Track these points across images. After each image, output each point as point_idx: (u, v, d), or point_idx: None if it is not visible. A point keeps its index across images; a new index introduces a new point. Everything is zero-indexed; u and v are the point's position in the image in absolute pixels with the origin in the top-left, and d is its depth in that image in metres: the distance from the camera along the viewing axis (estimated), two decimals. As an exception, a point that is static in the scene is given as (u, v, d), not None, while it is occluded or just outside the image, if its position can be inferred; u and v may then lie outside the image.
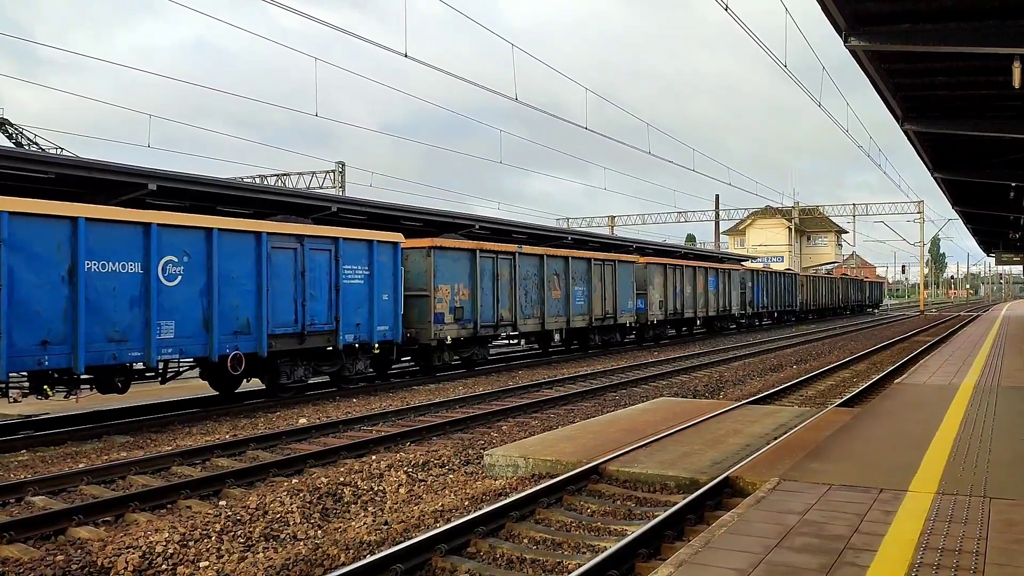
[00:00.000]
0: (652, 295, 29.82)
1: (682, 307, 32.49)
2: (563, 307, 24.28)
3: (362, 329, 16.72)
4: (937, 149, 18.41)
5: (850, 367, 22.06)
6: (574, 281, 24.68)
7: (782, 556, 5.05)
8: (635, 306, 28.65)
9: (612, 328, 27.63)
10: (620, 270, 27.55)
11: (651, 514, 7.22)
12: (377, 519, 7.57)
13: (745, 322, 42.58)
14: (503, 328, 21.51)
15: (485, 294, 20.64)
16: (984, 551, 5.10)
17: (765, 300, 44.17)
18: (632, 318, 28.48)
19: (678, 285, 32.04)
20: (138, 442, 11.73)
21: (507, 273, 21.50)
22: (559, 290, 23.91)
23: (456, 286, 19.61)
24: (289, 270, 15.22)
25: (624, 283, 27.80)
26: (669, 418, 11.44)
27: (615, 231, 72.72)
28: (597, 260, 26.28)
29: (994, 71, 11.86)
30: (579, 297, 25.02)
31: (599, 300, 26.09)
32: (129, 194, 15.97)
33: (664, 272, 31.16)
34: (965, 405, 11.14)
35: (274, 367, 15.30)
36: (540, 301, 22.98)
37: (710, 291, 35.40)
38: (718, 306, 36.59)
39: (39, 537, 7.23)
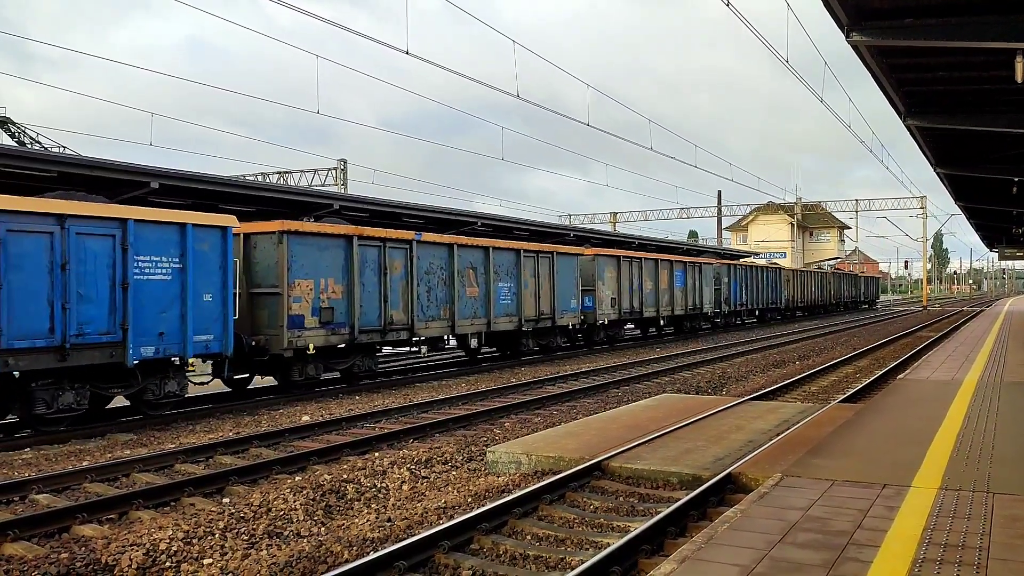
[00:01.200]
0: (602, 292, 26.05)
1: (641, 305, 28.70)
2: (482, 307, 20.30)
3: (170, 339, 12.87)
4: (940, 144, 18.39)
5: (853, 363, 22.04)
6: (497, 276, 20.75)
7: (785, 552, 5.05)
8: (580, 305, 24.82)
9: (550, 331, 23.65)
10: (560, 263, 23.57)
11: (654, 510, 7.22)
12: (380, 516, 7.58)
13: (721, 322, 38.53)
14: (395, 332, 17.49)
15: (367, 291, 16.75)
16: (987, 547, 5.10)
17: (744, 297, 40.32)
18: (576, 319, 24.61)
19: (635, 280, 28.27)
20: (141, 440, 11.75)
21: (400, 266, 17.63)
22: (476, 287, 20.01)
23: (323, 281, 15.76)
24: (40, 261, 11.40)
25: (565, 278, 23.96)
26: (672, 414, 11.44)
27: (617, 228, 72.70)
28: (529, 252, 22.27)
29: (996, 66, 11.84)
30: (504, 295, 21.14)
31: (531, 298, 22.20)
32: (131, 192, 16.00)
33: (617, 265, 27.21)
34: (968, 401, 11.13)
35: (24, 394, 11.55)
36: (449, 300, 19.10)
37: (676, 287, 31.77)
38: (687, 304, 32.72)
39: (43, 535, 7.25)
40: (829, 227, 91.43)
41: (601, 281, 26.11)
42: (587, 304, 25.52)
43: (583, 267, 25.43)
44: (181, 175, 16.97)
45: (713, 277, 35.89)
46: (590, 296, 25.63)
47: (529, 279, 22.19)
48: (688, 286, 32.84)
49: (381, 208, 22.20)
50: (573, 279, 24.50)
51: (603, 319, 26.23)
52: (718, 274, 36.81)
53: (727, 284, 37.85)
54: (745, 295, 40.43)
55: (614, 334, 28.08)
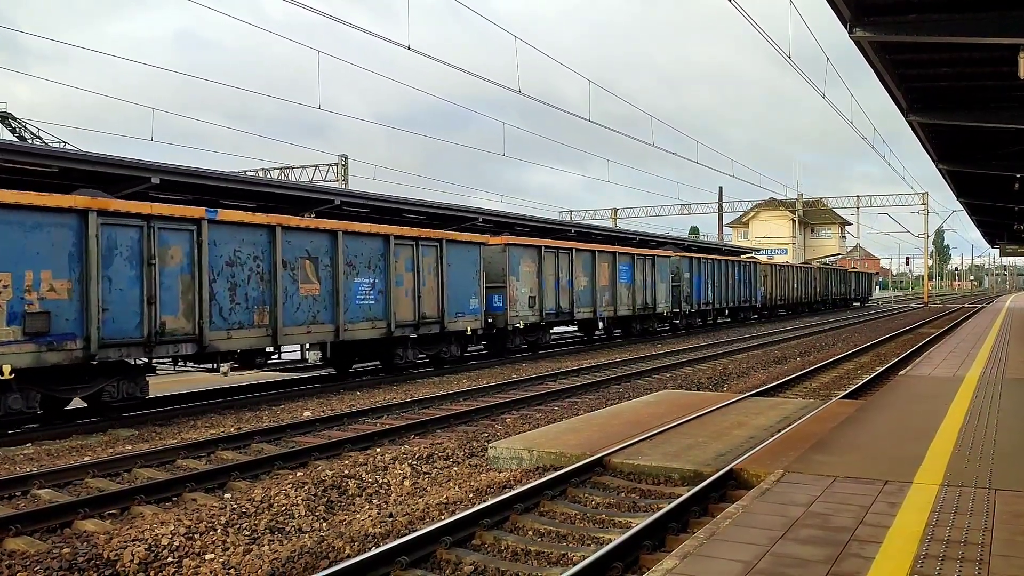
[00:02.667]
0: (515, 290, 21.71)
1: (571, 305, 24.40)
2: (325, 309, 15.87)
3: None
4: (941, 140, 18.38)
5: (854, 359, 22.04)
6: (352, 269, 16.42)
7: (787, 548, 5.05)
8: (483, 306, 20.37)
9: (437, 338, 19.15)
10: (452, 254, 19.12)
11: (656, 506, 7.22)
12: (382, 511, 7.59)
13: (682, 323, 33.81)
14: (171, 345, 13.03)
15: (117, 289, 12.22)
16: (989, 543, 5.09)
17: (710, 294, 35.47)
18: (477, 323, 19.98)
19: (563, 276, 23.94)
20: (143, 435, 11.76)
21: (181, 254, 13.19)
22: (315, 282, 15.65)
23: (30, 275, 11.26)
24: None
25: (461, 273, 19.44)
26: (673, 410, 11.44)
27: (618, 224, 72.67)
28: (404, 239, 17.87)
29: (999, 62, 11.82)
30: (364, 293, 16.71)
31: (408, 298, 17.81)
32: (133, 187, 16.00)
33: (538, 257, 22.79)
34: (970, 397, 11.12)
35: None
36: (268, 300, 14.59)
37: (621, 283, 27.34)
38: (635, 303, 28.27)
39: (45, 530, 7.25)
40: (830, 223, 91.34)
41: (515, 276, 21.66)
42: (495, 304, 21.19)
43: (490, 259, 21.12)
44: (181, 171, 16.98)
45: (670, 272, 31.45)
46: (499, 295, 21.25)
47: (404, 274, 17.71)
48: (637, 282, 28.47)
49: (382, 204, 22.20)
50: (473, 274, 19.84)
51: (518, 322, 21.81)
52: (677, 268, 32.26)
53: (688, 280, 33.14)
54: (711, 292, 35.57)
55: (536, 339, 23.57)
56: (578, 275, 24.88)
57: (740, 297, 39.34)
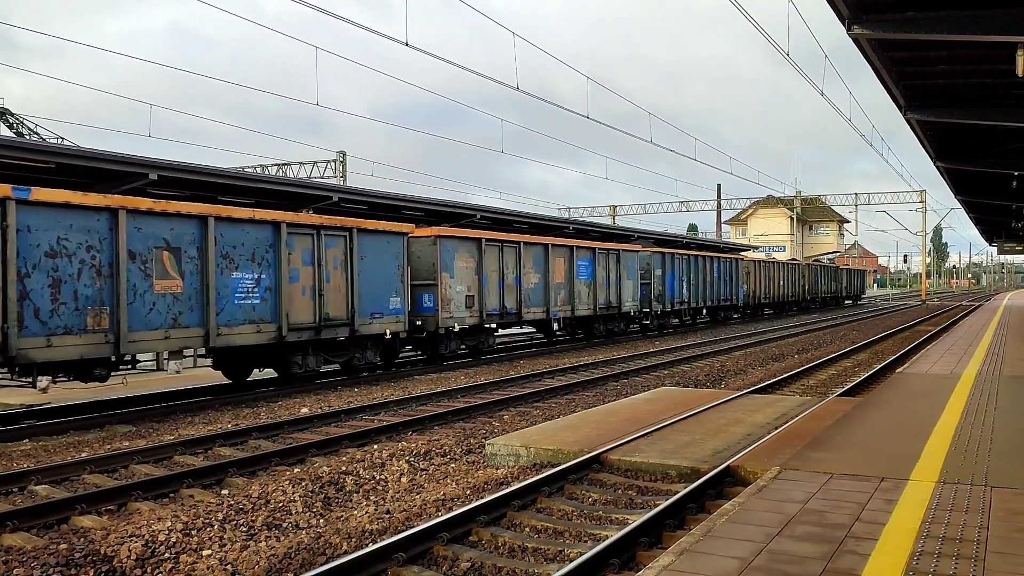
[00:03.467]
0: (449, 288, 19.24)
1: (519, 305, 21.80)
2: (192, 310, 13.33)
3: None
4: (939, 138, 18.38)
5: (852, 356, 22.07)
6: (229, 262, 13.93)
7: (783, 545, 5.06)
8: (407, 306, 17.83)
9: (350, 343, 16.64)
10: (366, 245, 16.73)
11: (653, 503, 7.23)
12: (379, 508, 7.59)
13: (653, 323, 31.16)
14: None
15: None
16: (985, 540, 5.10)
17: (686, 292, 32.91)
18: (397, 325, 17.51)
19: (509, 272, 21.43)
20: (140, 431, 11.76)
21: None
22: (177, 278, 13.15)
23: None
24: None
25: (378, 268, 17.03)
26: (671, 408, 11.45)
27: (616, 221, 72.69)
28: (301, 228, 15.28)
29: (997, 60, 11.82)
30: (244, 292, 14.14)
31: (307, 296, 15.40)
32: (130, 183, 15.98)
33: (477, 252, 20.33)
34: (967, 394, 11.14)
35: None
36: (109, 299, 12.18)
37: (579, 280, 24.86)
38: (596, 302, 25.85)
39: (42, 526, 7.26)
40: (828, 221, 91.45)
41: (448, 273, 19.28)
42: (425, 304, 18.88)
43: (419, 253, 18.99)
44: (180, 167, 16.97)
45: (639, 268, 28.98)
46: (430, 293, 18.92)
47: (302, 268, 15.32)
48: (600, 279, 26.05)
49: (380, 200, 22.19)
50: (395, 269, 17.49)
51: (452, 325, 19.36)
52: (647, 264, 29.88)
53: (660, 277, 30.71)
54: (687, 290, 33.02)
55: (477, 344, 21.07)
56: (527, 271, 22.38)
57: (720, 295, 36.83)
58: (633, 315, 29.00)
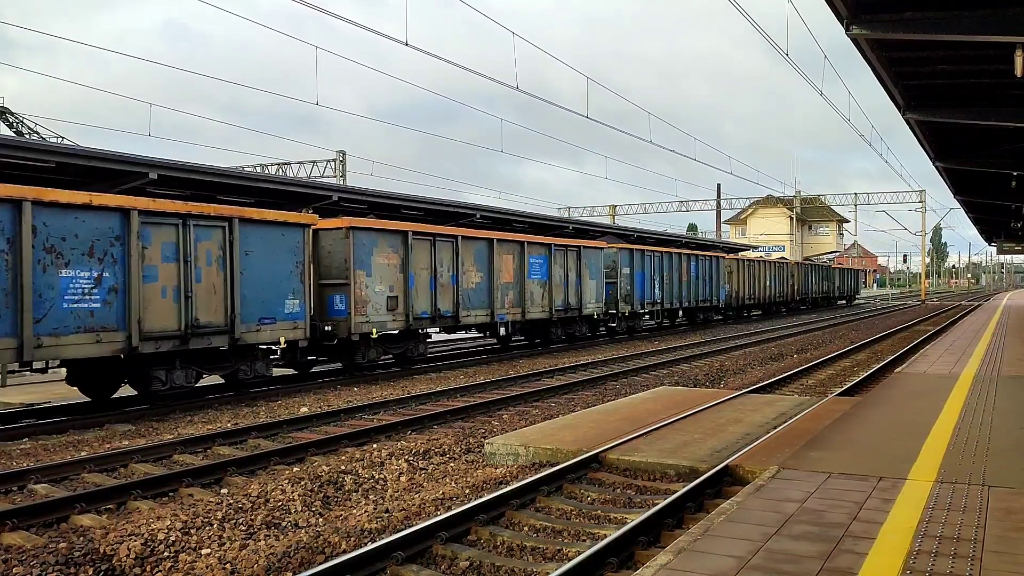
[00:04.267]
0: (365, 288, 16.87)
1: (455, 307, 19.44)
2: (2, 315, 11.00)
3: None
4: (939, 138, 18.39)
5: (851, 356, 22.08)
6: (57, 259, 11.56)
7: (781, 544, 5.07)
8: (309, 309, 15.49)
9: (233, 354, 14.26)
10: (252, 238, 14.22)
11: (651, 502, 7.25)
12: (378, 507, 7.60)
13: (621, 326, 28.52)
14: None
15: None
16: (982, 539, 5.12)
17: (657, 292, 30.32)
18: (297, 331, 15.14)
19: (443, 270, 19.04)
20: (139, 430, 11.77)
21: None
22: None
23: None
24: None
25: (269, 265, 14.56)
26: (670, 407, 11.46)
27: (616, 221, 72.72)
28: (159, 216, 12.74)
29: (996, 60, 11.83)
30: (78, 293, 11.78)
31: (168, 299, 12.91)
32: (130, 183, 15.99)
33: (402, 245, 17.86)
34: (965, 394, 11.16)
35: None
36: None
37: (532, 279, 22.44)
38: (553, 303, 23.49)
39: (42, 524, 7.27)
40: (828, 220, 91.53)
41: (364, 271, 16.91)
42: (336, 307, 16.66)
43: (330, 248, 16.77)
44: (179, 166, 16.97)
45: (603, 266, 26.65)
46: (342, 294, 16.63)
47: (161, 265, 12.82)
48: (555, 278, 23.68)
49: (380, 200, 22.20)
50: (292, 266, 14.98)
51: (369, 329, 16.94)
52: (613, 262, 27.50)
53: (628, 276, 28.29)
54: (659, 290, 30.48)
55: (404, 351, 18.63)
56: (467, 269, 19.93)
57: (698, 296, 34.29)
58: (597, 318, 26.50)
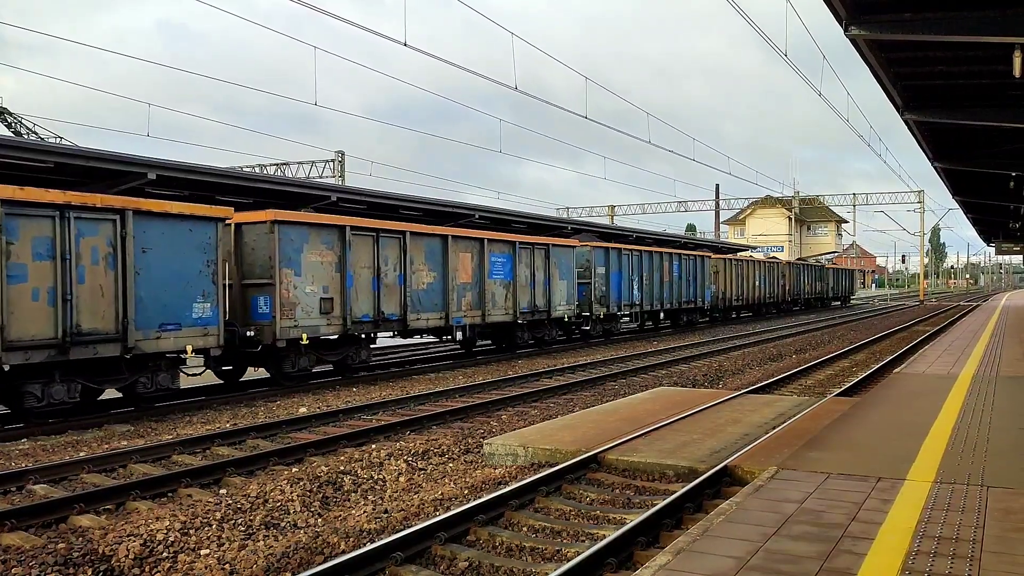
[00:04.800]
0: (293, 288, 15.12)
1: (403, 309, 17.69)
2: None
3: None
4: (938, 139, 18.41)
5: (849, 356, 22.10)
6: None
7: (780, 544, 5.07)
8: (217, 314, 13.52)
9: (122, 363, 12.54)
10: (153, 233, 12.56)
11: (650, 503, 7.25)
12: (377, 507, 7.60)
13: (596, 329, 27.02)
14: None
15: None
16: (981, 539, 5.12)
17: (637, 293, 28.86)
18: (208, 338, 13.39)
19: (388, 269, 17.39)
20: (138, 431, 11.76)
21: None
22: None
23: None
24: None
25: (177, 262, 12.92)
26: (668, 407, 11.47)
27: (615, 221, 72.75)
28: (28, 207, 11.19)
29: (995, 60, 11.85)
30: None
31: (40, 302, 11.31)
32: (128, 183, 15.98)
33: (339, 241, 16.19)
34: (964, 394, 11.16)
35: None
36: None
37: (493, 280, 20.87)
38: (518, 305, 21.90)
39: (40, 525, 7.26)
40: (827, 221, 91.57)
41: (292, 269, 15.16)
42: (260, 311, 14.91)
43: (253, 244, 15.00)
44: (178, 166, 16.96)
45: (576, 266, 25.13)
46: (266, 296, 14.85)
47: (31, 263, 11.29)
48: (521, 279, 22.03)
49: (379, 200, 22.19)
50: (201, 265, 13.24)
51: (298, 335, 15.22)
52: (587, 261, 26.03)
53: (603, 276, 26.75)
54: (639, 291, 29.04)
55: (344, 358, 16.95)
56: (417, 268, 18.28)
57: (681, 297, 32.81)
58: (568, 320, 24.95)
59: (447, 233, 19.40)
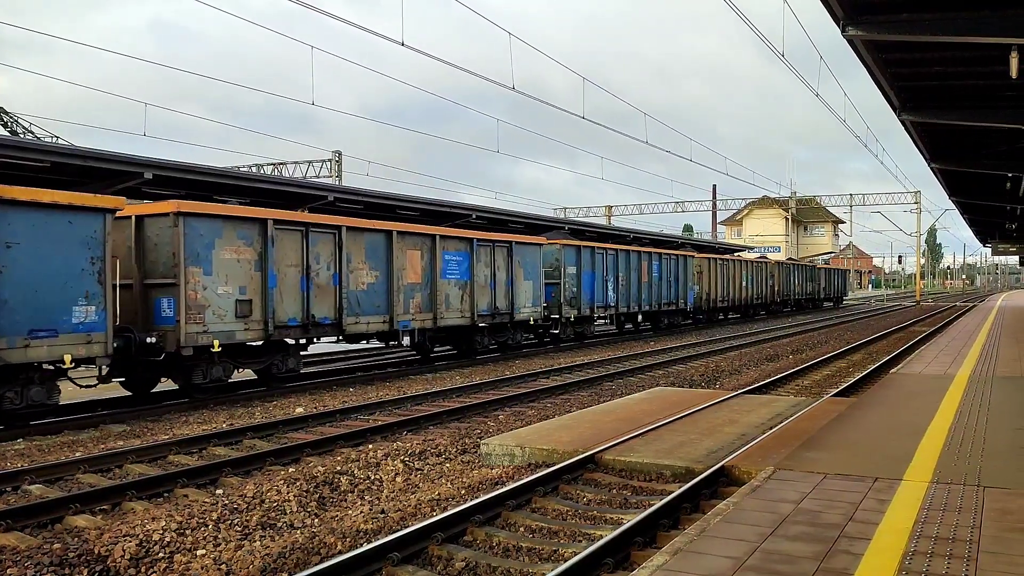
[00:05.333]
0: (202, 289, 13.46)
1: (338, 311, 16.08)
2: None
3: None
4: (934, 139, 18.43)
5: (846, 357, 22.12)
6: None
7: (777, 544, 5.07)
8: (105, 318, 11.87)
9: None
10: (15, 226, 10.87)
11: (647, 503, 7.25)
12: (374, 508, 7.59)
13: (566, 332, 25.60)
14: None
15: None
16: (978, 540, 5.12)
17: (611, 295, 27.45)
18: (92, 346, 11.70)
19: (320, 267, 15.76)
20: (135, 431, 11.74)
21: None
22: None
23: None
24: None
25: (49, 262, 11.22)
26: (665, 407, 11.47)
27: (612, 221, 72.77)
28: None
29: (991, 61, 11.86)
30: None
31: None
32: (125, 183, 15.96)
33: (260, 237, 14.48)
34: (960, 395, 11.18)
35: None
36: None
37: (447, 280, 19.20)
38: (476, 307, 20.18)
39: (36, 525, 7.25)
40: (823, 221, 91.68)
41: (201, 267, 13.53)
42: (163, 314, 13.29)
43: (156, 239, 13.38)
44: (175, 166, 16.94)
45: (543, 265, 23.70)
46: (169, 298, 13.25)
47: None
48: (479, 279, 20.34)
49: (376, 200, 22.18)
50: (83, 264, 11.62)
51: (207, 341, 13.55)
52: (556, 260, 24.64)
53: (574, 276, 25.21)
54: (613, 292, 27.58)
55: (268, 366, 15.22)
56: (357, 267, 16.62)
57: (661, 298, 31.32)
58: (534, 323, 23.06)
59: (391, 228, 17.54)
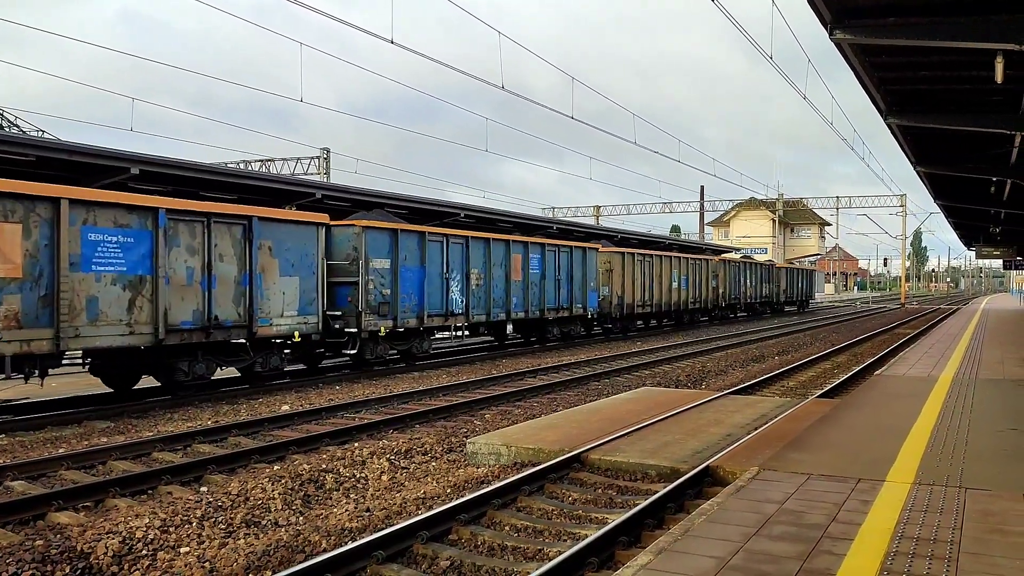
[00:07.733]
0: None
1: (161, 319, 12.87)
2: None
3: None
4: (920, 143, 18.56)
5: (831, 358, 22.23)
6: None
7: (760, 544, 5.10)
8: None
9: None
10: None
11: (632, 502, 7.27)
12: (359, 506, 7.58)
13: (374, 351, 17.78)
14: None
15: None
16: (959, 541, 5.17)
17: (457, 297, 20.28)
18: None
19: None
20: (119, 427, 11.67)
21: None
22: None
23: None
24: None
25: None
26: (651, 408, 11.50)
27: (600, 222, 72.86)
28: None
29: (977, 66, 11.95)
30: None
31: None
32: (111, 178, 15.84)
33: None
34: (943, 397, 11.26)
35: None
36: None
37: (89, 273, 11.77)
38: (160, 319, 12.33)
39: (18, 522, 7.19)
40: (810, 223, 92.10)
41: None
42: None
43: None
44: (161, 161, 16.82)
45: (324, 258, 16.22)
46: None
47: None
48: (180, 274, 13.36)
49: (363, 198, 22.11)
50: None
51: None
52: (354, 250, 17.31)
53: (386, 273, 18.01)
54: (461, 295, 20.59)
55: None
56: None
57: (546, 303, 24.35)
58: (299, 341, 16.05)
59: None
